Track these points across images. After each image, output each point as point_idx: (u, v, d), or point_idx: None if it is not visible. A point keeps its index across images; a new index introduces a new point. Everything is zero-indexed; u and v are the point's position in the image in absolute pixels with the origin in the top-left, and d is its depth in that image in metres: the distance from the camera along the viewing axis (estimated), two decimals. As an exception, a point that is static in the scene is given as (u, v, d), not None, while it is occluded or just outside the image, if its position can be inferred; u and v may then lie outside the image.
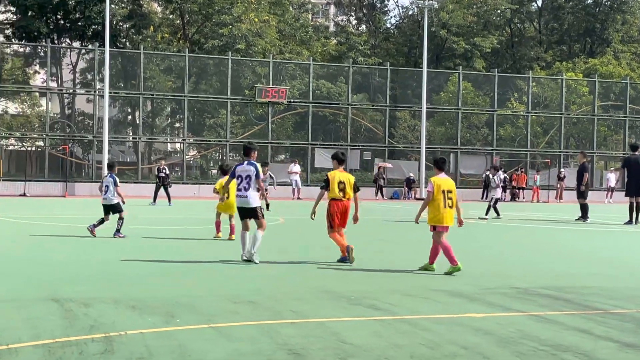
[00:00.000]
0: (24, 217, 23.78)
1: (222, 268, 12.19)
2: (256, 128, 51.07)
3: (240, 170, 12.89)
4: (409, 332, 7.57)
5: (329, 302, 9.16)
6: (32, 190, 42.09)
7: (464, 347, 6.94)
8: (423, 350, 6.76)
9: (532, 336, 7.46)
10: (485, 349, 6.87)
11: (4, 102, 55.85)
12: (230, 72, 49.08)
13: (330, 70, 56.41)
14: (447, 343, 7.08)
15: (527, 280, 11.50)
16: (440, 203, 11.86)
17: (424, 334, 7.46)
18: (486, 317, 8.43)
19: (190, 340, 6.94)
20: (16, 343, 6.62)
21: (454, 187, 12.18)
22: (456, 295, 9.88)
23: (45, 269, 11.64)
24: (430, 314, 8.54)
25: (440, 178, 12.16)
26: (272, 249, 15.28)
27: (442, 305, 9.16)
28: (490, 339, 7.32)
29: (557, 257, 15.34)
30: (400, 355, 6.55)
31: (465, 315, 8.47)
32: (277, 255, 14.13)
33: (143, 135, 50.49)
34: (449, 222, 11.96)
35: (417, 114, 53.41)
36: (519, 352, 6.78)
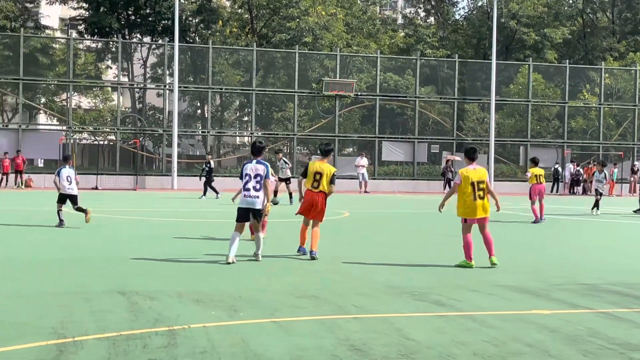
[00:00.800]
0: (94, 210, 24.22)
1: (285, 262, 12.21)
2: (323, 121, 51.12)
3: (249, 169, 11.89)
4: (473, 328, 7.47)
5: (393, 298, 9.10)
6: (104, 183, 42.88)
7: (529, 344, 6.82)
8: (487, 348, 6.66)
9: (600, 334, 7.29)
10: (550, 347, 6.73)
11: (77, 96, 57.08)
12: (297, 65, 49.20)
13: (398, 62, 56.08)
14: (512, 340, 6.97)
15: (595, 276, 11.26)
16: (468, 196, 11.49)
17: (489, 331, 7.35)
18: (553, 313, 8.27)
19: (253, 334, 6.96)
20: (82, 336, 6.74)
21: (486, 177, 11.78)
22: (522, 291, 9.72)
23: (113, 261, 11.83)
24: (495, 310, 8.41)
25: (469, 169, 11.74)
26: (336, 243, 15.28)
27: (507, 302, 9.02)
28: (556, 336, 7.18)
29: (627, 252, 14.99)
30: (463, 353, 6.46)
31: (531, 312, 8.33)
32: (341, 249, 14.11)
33: (212, 129, 51.01)
34: (481, 213, 11.58)
35: (486, 107, 52.78)
36: (586, 350, 6.63)
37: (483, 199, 11.53)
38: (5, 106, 55.71)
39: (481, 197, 11.50)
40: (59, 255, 12.41)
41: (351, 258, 12.93)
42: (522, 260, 13.27)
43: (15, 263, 11.43)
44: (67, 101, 49.06)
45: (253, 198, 11.69)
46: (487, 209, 11.65)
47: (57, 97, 55.07)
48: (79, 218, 20.97)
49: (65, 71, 49.54)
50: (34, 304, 8.17)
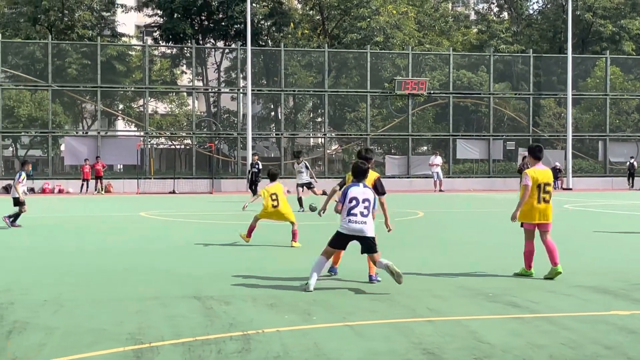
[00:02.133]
0: (171, 214, 24.63)
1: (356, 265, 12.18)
2: (396, 121, 50.93)
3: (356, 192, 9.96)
4: (549, 331, 7.34)
5: (467, 300, 9.01)
6: (181, 187, 43.56)
7: (608, 347, 6.68)
8: (564, 351, 6.54)
9: (682, 336, 7.09)
10: (630, 349, 6.58)
11: (154, 102, 58.19)
12: (369, 65, 49.15)
13: (471, 59, 55.51)
14: (590, 342, 6.83)
15: (678, 275, 10.95)
16: (532, 198, 10.61)
17: (565, 333, 7.22)
18: (633, 314, 8.08)
19: (326, 338, 6.98)
20: (158, 341, 6.86)
21: (552, 180, 10.92)
22: (600, 292, 9.51)
23: (189, 266, 12.00)
24: (572, 312, 8.26)
25: (537, 170, 10.75)
26: (410, 243, 15.21)
27: (585, 303, 8.84)
28: (636, 338, 7.02)
29: None
30: (539, 356, 6.37)
31: (609, 313, 8.14)
32: (413, 250, 14.03)
33: (285, 131, 51.34)
34: (542, 218, 10.68)
35: (563, 101, 51.86)
36: (668, 353, 6.46)
37: (548, 202, 10.74)
38: (84, 113, 57.10)
39: (546, 200, 10.71)
40: (134, 261, 12.64)
41: (424, 259, 12.85)
42: (600, 259, 13.00)
43: (92, 269, 11.69)
44: (144, 107, 50.01)
45: (360, 224, 9.85)
46: (549, 214, 10.80)
47: (134, 103, 56.21)
48: (152, 222, 21.35)
49: (141, 78, 50.51)
50: (112, 310, 8.34)
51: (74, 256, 13.42)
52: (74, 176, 45.80)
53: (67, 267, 11.96)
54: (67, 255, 13.65)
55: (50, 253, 13.97)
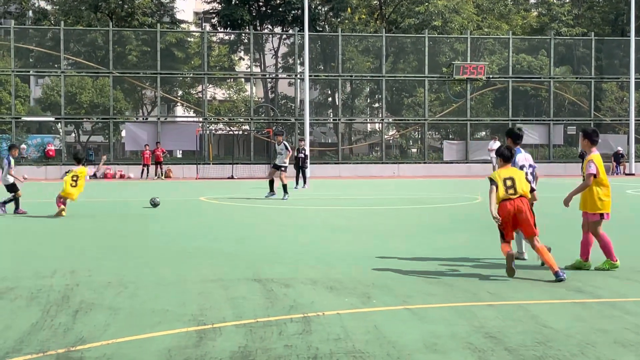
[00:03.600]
0: (230, 198, 24.83)
1: (414, 249, 12.15)
2: (454, 105, 50.52)
3: (522, 159, 10.53)
4: (613, 316, 7.23)
5: (528, 284, 8.92)
6: (239, 172, 43.89)
7: (674, 333, 6.55)
8: (629, 336, 6.44)
9: None
10: (697, 336, 6.44)
11: (212, 88, 58.65)
12: (427, 50, 48.81)
13: (531, 43, 54.74)
14: (655, 328, 6.71)
15: None
16: (607, 187, 9.86)
17: (630, 318, 7.10)
18: (699, 301, 7.92)
19: (386, 321, 6.97)
20: (220, 322, 6.94)
21: None
22: (666, 277, 9.34)
23: (249, 249, 12.09)
24: (637, 297, 8.12)
25: (599, 156, 10.02)
26: (470, 228, 15.11)
27: (650, 288, 8.69)
28: None
29: None
30: (603, 341, 6.27)
31: (675, 299, 7.99)
32: (473, 235, 13.92)
33: (342, 117, 51.30)
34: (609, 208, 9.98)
35: (625, 85, 50.85)
36: None
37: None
38: (144, 100, 57.85)
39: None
40: (195, 244, 12.78)
41: (483, 244, 12.75)
42: (666, 244, 12.75)
43: (155, 252, 11.86)
44: (202, 93, 50.44)
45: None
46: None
47: (193, 89, 56.75)
48: (211, 207, 21.56)
49: (200, 64, 50.95)
50: (174, 292, 8.46)
51: (135, 239, 13.63)
52: (135, 162, 46.48)
53: (129, 249, 12.16)
54: (129, 238, 13.87)
55: (112, 236, 14.20)
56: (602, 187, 9.88)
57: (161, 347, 6.07)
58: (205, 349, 6.02)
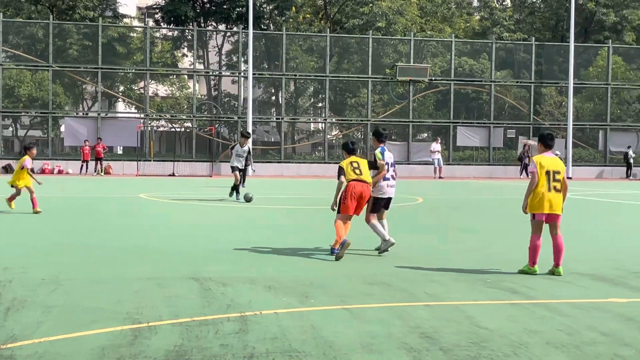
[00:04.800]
0: (171, 196, 24.64)
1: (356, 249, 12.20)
2: (397, 107, 50.89)
3: (388, 157, 11.76)
4: (546, 317, 7.35)
5: (465, 285, 9.02)
6: (181, 170, 43.57)
7: (604, 333, 6.68)
8: (560, 337, 6.55)
9: (679, 324, 7.10)
10: (627, 336, 6.59)
11: (154, 84, 58.10)
12: (371, 51, 49.07)
13: (473, 46, 55.43)
14: (586, 329, 6.84)
15: (676, 264, 10.96)
16: (542, 187, 9.88)
17: (562, 319, 7.23)
18: (630, 302, 8.10)
19: (323, 321, 6.99)
20: (156, 321, 6.87)
21: (563, 168, 10.08)
22: (598, 279, 9.53)
23: (188, 248, 12.01)
24: (570, 299, 8.27)
25: (544, 157, 10.05)
26: (410, 229, 15.22)
27: (582, 290, 8.86)
28: (632, 325, 7.02)
29: None
30: (535, 341, 6.37)
31: (607, 300, 8.16)
32: (412, 236, 14.03)
33: (286, 116, 51.28)
34: (555, 209, 9.95)
35: (564, 90, 51.81)
36: (664, 340, 6.47)
37: (559, 192, 9.98)
38: (85, 94, 57.04)
39: (557, 189, 9.95)
40: (133, 241, 12.65)
41: (423, 245, 12.87)
42: (599, 247, 13.02)
43: (91, 249, 11.71)
44: (144, 89, 49.94)
45: (393, 187, 11.87)
46: (559, 205, 10.05)
47: (135, 85, 56.14)
48: (151, 204, 21.38)
49: (142, 60, 50.42)
50: (110, 290, 8.35)
51: (72, 236, 13.43)
52: (74, 157, 45.80)
53: (65, 246, 11.97)
54: (65, 235, 13.66)
55: (48, 233, 13.99)
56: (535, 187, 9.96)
57: (95, 345, 5.99)
58: (139, 347, 5.95)
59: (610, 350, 6.09)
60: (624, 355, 5.95)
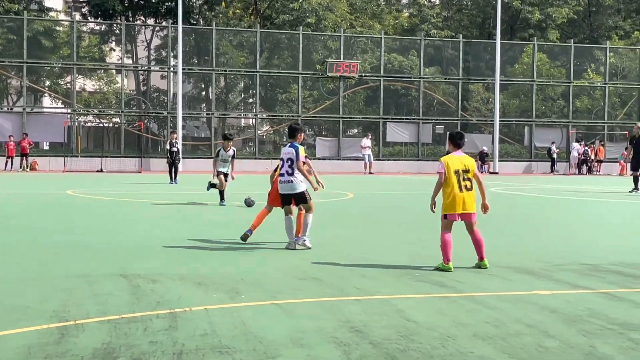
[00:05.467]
0: (99, 192, 24.30)
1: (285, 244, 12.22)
2: (327, 103, 51.06)
3: (282, 153, 11.74)
4: (473, 309, 7.48)
5: (394, 279, 9.11)
6: (109, 166, 42.97)
7: (529, 325, 6.83)
8: (487, 329, 6.67)
9: (600, 314, 7.29)
10: (550, 327, 6.74)
11: (82, 79, 57.11)
12: (301, 47, 49.11)
13: (402, 43, 55.95)
14: (512, 321, 6.97)
15: (596, 256, 11.26)
16: (452, 187, 9.82)
17: (489, 312, 7.36)
18: (553, 294, 8.28)
19: (254, 316, 6.98)
20: (84, 319, 6.77)
21: (473, 166, 10.03)
22: (523, 272, 9.73)
23: (117, 244, 11.87)
24: (496, 291, 8.42)
25: (453, 156, 10.05)
26: (340, 224, 15.30)
27: (508, 283, 9.03)
28: (556, 317, 7.19)
29: (628, 232, 14.98)
30: (463, 334, 6.48)
31: (532, 293, 8.33)
32: (343, 231, 14.11)
33: (216, 111, 50.98)
34: (468, 208, 9.88)
35: (491, 87, 52.69)
36: (586, 330, 6.64)
37: (470, 190, 9.92)
38: (9, 89, 55.76)
39: (468, 188, 9.89)
40: (61, 239, 12.45)
41: (353, 239, 12.96)
42: (524, 240, 13.29)
43: (18, 246, 11.48)
44: (71, 84, 49.06)
45: (289, 183, 11.45)
46: (471, 204, 9.96)
47: (62, 80, 55.11)
48: (79, 201, 21.05)
49: (69, 54, 49.53)
50: (36, 288, 8.20)
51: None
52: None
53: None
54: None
55: (-28, 230, 13.65)
56: (446, 187, 9.95)
57: (20, 344, 5.87)
58: (66, 345, 5.86)
59: (535, 341, 6.22)
60: (548, 346, 6.09)
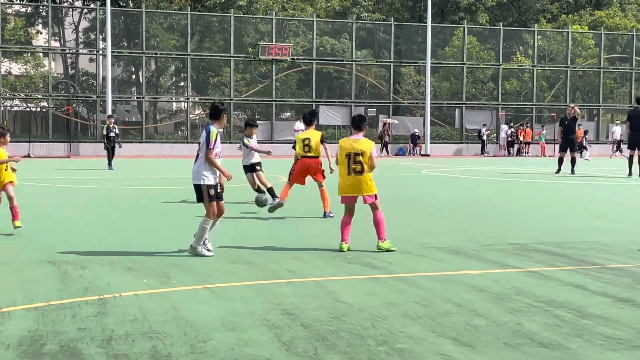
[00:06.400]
0: (27, 178, 23.81)
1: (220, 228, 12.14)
2: (260, 86, 50.87)
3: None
4: (404, 290, 7.56)
5: (326, 261, 9.16)
6: (37, 151, 42.13)
7: (458, 304, 6.94)
8: (417, 308, 6.75)
9: (527, 292, 7.45)
10: (479, 306, 6.86)
11: (7, 62, 55.72)
12: (233, 29, 48.76)
13: (334, 26, 55.99)
14: (441, 301, 7.07)
15: (525, 236, 11.49)
16: (344, 170, 9.93)
17: (419, 292, 7.45)
18: (482, 273, 8.43)
19: (185, 301, 6.94)
20: (10, 306, 6.65)
21: (369, 148, 9.91)
22: (453, 253, 9.87)
23: (45, 230, 11.67)
24: (427, 272, 8.53)
25: (348, 139, 10.04)
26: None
27: (438, 263, 9.15)
28: (484, 295, 7.32)
29: (557, 212, 15.31)
30: (393, 314, 6.54)
31: (461, 272, 8.46)
32: (274, 214, 14.09)
33: (147, 95, 50.35)
34: (353, 191, 9.92)
35: (422, 70, 53.11)
36: (513, 308, 6.77)
37: (359, 174, 9.82)
38: None
39: (357, 171, 9.82)
40: (-12, 226, 12.18)
41: (283, 223, 12.97)
42: (454, 222, 13.47)
43: (-57, 234, 11.20)
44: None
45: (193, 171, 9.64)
46: (365, 187, 9.84)
47: (-14, 63, 53.70)
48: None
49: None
50: (-40, 276, 8.03)
51: None
52: None
53: None
54: None
55: None
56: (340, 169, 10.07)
57: (-57, 334, 5.74)
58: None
59: (463, 320, 6.32)
60: (476, 324, 6.19)
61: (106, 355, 5.23)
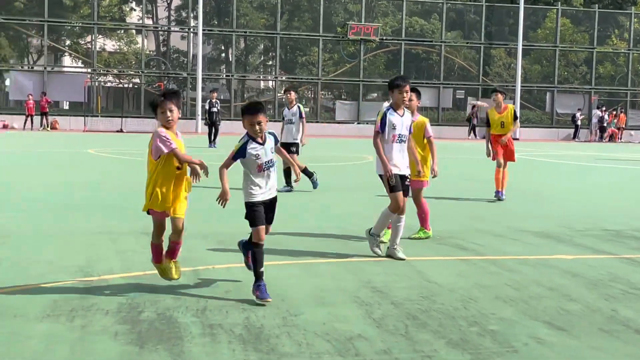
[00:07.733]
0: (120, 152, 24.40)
1: (307, 206, 12.24)
2: (348, 66, 50.81)
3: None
4: (494, 272, 7.49)
5: (415, 242, 9.13)
6: (129, 126, 43.08)
7: (551, 288, 6.84)
8: (508, 291, 6.68)
9: (621, 279, 7.29)
10: (572, 291, 6.75)
11: (102, 39, 57.04)
12: (322, 9, 48.77)
13: (424, 7, 55.45)
14: (534, 284, 6.98)
15: (619, 222, 11.22)
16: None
17: (510, 275, 7.37)
18: (575, 258, 8.28)
19: (276, 275, 6.98)
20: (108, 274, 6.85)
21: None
22: (545, 237, 9.71)
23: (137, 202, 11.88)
24: (518, 255, 8.42)
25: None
26: (357, 186, 15.28)
27: (530, 247, 9.02)
28: (578, 281, 7.19)
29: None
30: (484, 296, 6.49)
31: (553, 257, 8.33)
32: (360, 193, 14.09)
33: (236, 73, 50.88)
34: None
35: (513, 52, 52.20)
36: (608, 294, 6.64)
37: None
38: (30, 48, 55.84)
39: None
40: (83, 197, 12.53)
41: (373, 203, 12.95)
42: (546, 206, 13.24)
43: (42, 204, 11.57)
44: (92, 44, 49.05)
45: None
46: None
47: (82, 39, 55.07)
48: (102, 161, 21.16)
49: (89, 13, 49.45)
50: (60, 244, 8.29)
51: (20, 191, 13.23)
52: (19, 112, 44.95)
53: (12, 201, 11.80)
54: (12, 189, 13.45)
55: (-5, 187, 13.77)
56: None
57: (47, 297, 5.95)
58: (92, 300, 5.93)
59: (556, 305, 6.23)
60: (570, 309, 6.09)
61: (201, 324, 5.35)
